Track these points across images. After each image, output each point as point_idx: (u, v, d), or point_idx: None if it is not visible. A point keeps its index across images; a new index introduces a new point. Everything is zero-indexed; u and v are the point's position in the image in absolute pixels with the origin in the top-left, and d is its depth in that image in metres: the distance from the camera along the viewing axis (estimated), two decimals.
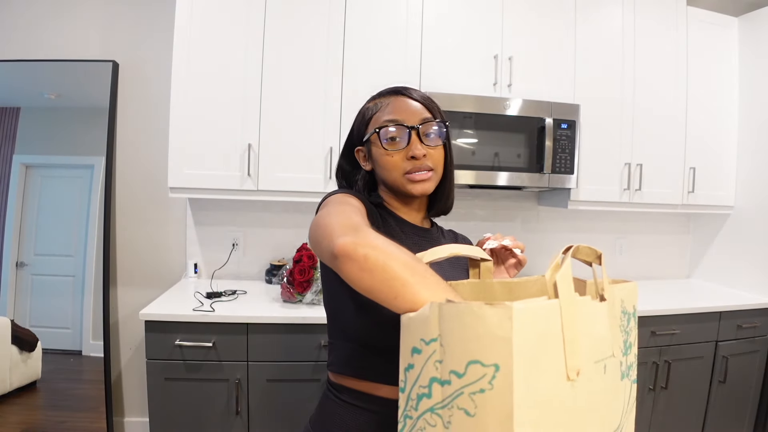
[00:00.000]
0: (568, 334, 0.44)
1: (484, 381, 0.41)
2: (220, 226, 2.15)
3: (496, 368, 0.40)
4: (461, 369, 0.42)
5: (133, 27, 2.07)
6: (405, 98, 0.82)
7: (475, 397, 0.41)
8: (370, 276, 0.52)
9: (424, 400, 0.47)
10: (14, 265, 1.98)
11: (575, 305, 0.45)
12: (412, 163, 0.79)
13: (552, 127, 1.94)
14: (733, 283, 2.31)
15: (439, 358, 0.45)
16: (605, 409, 0.49)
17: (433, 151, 0.81)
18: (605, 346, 0.50)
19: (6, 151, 1.98)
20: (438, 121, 0.82)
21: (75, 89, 2.03)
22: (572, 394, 0.44)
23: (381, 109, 0.82)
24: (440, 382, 0.45)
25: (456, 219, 2.30)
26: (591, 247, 0.56)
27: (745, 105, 2.29)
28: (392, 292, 0.51)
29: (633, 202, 2.16)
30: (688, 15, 2.20)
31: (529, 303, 0.41)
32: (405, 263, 0.52)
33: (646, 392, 1.91)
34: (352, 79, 1.87)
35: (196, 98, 1.80)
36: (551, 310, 0.43)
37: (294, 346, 1.61)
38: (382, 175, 0.83)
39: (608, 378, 0.49)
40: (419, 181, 0.79)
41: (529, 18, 2.00)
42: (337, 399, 0.74)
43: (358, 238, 0.54)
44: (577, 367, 0.44)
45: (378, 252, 0.52)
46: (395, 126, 0.79)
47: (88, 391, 2.01)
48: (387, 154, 0.79)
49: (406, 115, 0.80)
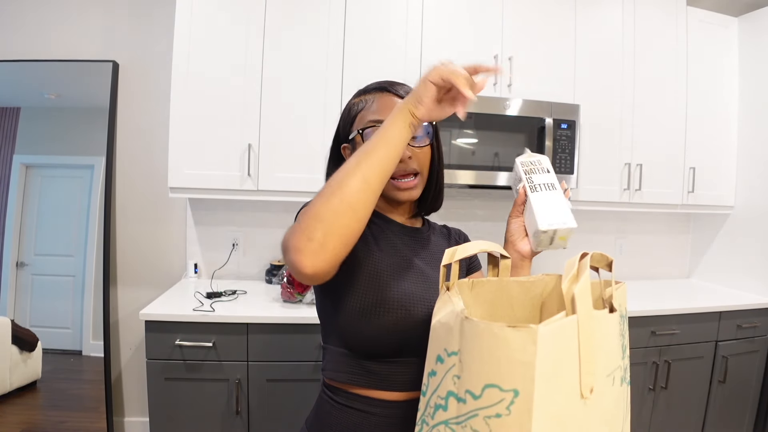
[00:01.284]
0: (585, 352, 0.42)
1: (502, 406, 0.39)
2: (220, 226, 2.15)
3: (515, 394, 0.38)
4: (477, 391, 0.41)
5: (133, 27, 2.07)
6: (390, 96, 0.79)
7: (491, 422, 0.40)
8: (330, 207, 0.56)
9: (440, 411, 0.46)
10: (14, 265, 1.98)
11: (592, 321, 0.43)
12: (398, 165, 0.76)
13: (552, 127, 1.94)
14: (733, 283, 2.31)
15: (457, 373, 0.44)
16: (613, 419, 0.48)
17: (420, 151, 0.78)
18: (616, 357, 0.48)
19: (6, 151, 1.98)
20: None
21: (75, 89, 2.03)
22: (585, 412, 0.42)
23: (366, 107, 0.79)
24: (456, 398, 0.43)
25: (456, 219, 2.30)
26: (603, 254, 0.54)
27: (745, 105, 2.29)
28: (369, 170, 0.57)
29: (633, 202, 2.16)
30: (687, 15, 2.20)
31: (551, 324, 0.39)
32: (346, 165, 0.58)
33: (646, 392, 1.91)
34: (353, 79, 1.87)
35: (196, 98, 1.80)
36: (570, 329, 0.41)
37: (294, 346, 1.61)
38: None
39: (615, 389, 0.48)
40: (405, 189, 0.77)
41: (529, 18, 2.00)
42: (331, 400, 0.74)
43: (295, 226, 0.57)
44: (591, 385, 0.43)
45: (312, 204, 0.57)
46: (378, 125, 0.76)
47: (88, 391, 2.01)
48: None
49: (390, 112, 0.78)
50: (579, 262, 0.46)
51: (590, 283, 0.59)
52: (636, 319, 1.85)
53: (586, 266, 0.45)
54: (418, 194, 0.79)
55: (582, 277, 0.43)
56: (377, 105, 0.78)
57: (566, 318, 0.41)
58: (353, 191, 0.57)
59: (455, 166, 1.88)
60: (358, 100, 0.81)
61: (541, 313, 0.66)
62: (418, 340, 0.63)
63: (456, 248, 0.60)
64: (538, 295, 0.66)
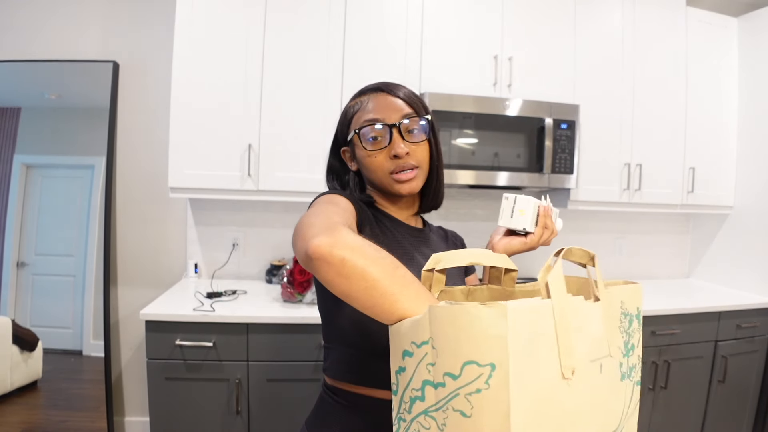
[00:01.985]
0: (561, 333, 0.44)
1: (480, 381, 0.41)
2: (221, 226, 2.15)
3: (492, 367, 0.40)
4: (456, 371, 0.42)
5: (133, 27, 2.07)
6: (385, 95, 0.79)
7: (471, 398, 0.41)
8: (347, 282, 0.49)
9: (417, 403, 0.47)
10: (15, 265, 1.98)
11: (567, 305, 0.46)
12: (396, 162, 0.76)
13: (552, 127, 1.94)
14: (732, 283, 2.31)
15: (431, 360, 0.45)
16: (603, 408, 0.49)
17: (417, 147, 0.78)
18: (601, 345, 0.50)
19: (6, 151, 1.98)
20: (420, 116, 0.79)
21: (75, 89, 2.03)
22: (569, 393, 0.44)
23: (362, 108, 0.80)
24: (433, 385, 0.45)
25: (456, 219, 2.30)
26: (584, 249, 0.55)
27: (745, 105, 2.29)
28: (370, 300, 0.49)
29: (633, 202, 2.16)
30: (687, 15, 2.20)
31: (522, 302, 0.42)
32: (384, 269, 0.49)
33: (646, 392, 1.91)
34: (353, 79, 1.87)
35: (196, 98, 1.80)
36: (544, 309, 0.44)
37: (294, 346, 1.61)
38: (367, 176, 0.82)
39: (605, 378, 0.50)
40: (405, 181, 0.77)
41: (529, 18, 2.01)
42: (333, 400, 0.74)
43: (334, 239, 0.50)
44: (572, 366, 0.45)
45: (356, 255, 0.49)
46: (375, 125, 0.76)
47: (89, 390, 2.01)
48: (369, 155, 0.77)
49: (386, 112, 0.77)
50: (554, 256, 0.50)
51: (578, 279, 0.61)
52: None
53: (559, 259, 0.49)
54: (418, 186, 0.79)
55: (555, 267, 0.46)
56: (372, 104, 0.78)
57: (541, 300, 0.44)
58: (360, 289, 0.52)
59: (455, 166, 1.89)
60: (354, 102, 0.82)
61: None
62: None
63: (441, 256, 0.58)
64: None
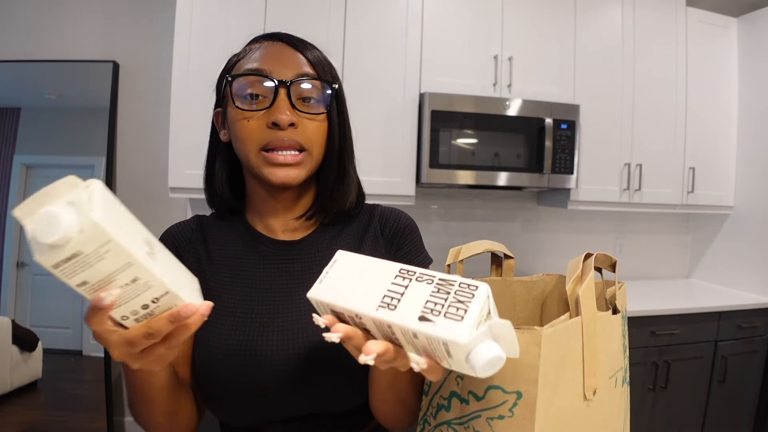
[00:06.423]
0: (588, 353, 0.42)
1: (504, 408, 0.39)
2: None
3: (518, 396, 0.38)
4: (480, 392, 0.41)
5: (133, 27, 2.07)
6: (284, 45, 0.59)
7: (493, 423, 0.40)
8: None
9: (443, 411, 0.46)
10: (15, 265, 1.98)
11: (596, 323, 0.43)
12: (273, 133, 0.55)
13: (552, 127, 1.94)
14: (732, 283, 2.31)
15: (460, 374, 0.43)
16: (614, 420, 0.48)
17: (310, 123, 0.57)
18: (619, 359, 0.48)
19: (6, 151, 1.98)
20: (323, 82, 0.59)
21: (75, 89, 2.03)
22: (587, 413, 0.42)
23: (246, 55, 0.60)
24: (460, 399, 0.43)
25: (456, 219, 2.30)
26: (607, 255, 0.53)
27: (745, 105, 2.29)
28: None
29: (633, 202, 2.16)
30: (687, 15, 2.21)
31: (556, 326, 0.39)
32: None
33: (646, 392, 1.91)
34: (352, 79, 1.87)
35: (196, 98, 1.80)
36: (574, 328, 0.41)
37: None
38: (237, 151, 0.60)
39: (617, 390, 0.48)
40: (279, 165, 0.55)
41: (529, 18, 2.01)
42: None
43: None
44: (594, 386, 0.43)
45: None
46: (255, 77, 0.56)
47: (89, 391, 2.01)
48: (241, 117, 0.56)
49: (277, 65, 0.57)
50: (583, 263, 0.45)
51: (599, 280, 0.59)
52: (636, 319, 1.85)
53: (590, 267, 0.45)
54: (298, 177, 0.58)
55: (586, 279, 0.43)
56: (261, 53, 0.59)
57: (570, 320, 0.41)
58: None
59: (455, 166, 1.89)
60: (242, 50, 0.63)
61: (542, 313, 0.66)
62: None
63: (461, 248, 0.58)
64: (539, 295, 0.67)
